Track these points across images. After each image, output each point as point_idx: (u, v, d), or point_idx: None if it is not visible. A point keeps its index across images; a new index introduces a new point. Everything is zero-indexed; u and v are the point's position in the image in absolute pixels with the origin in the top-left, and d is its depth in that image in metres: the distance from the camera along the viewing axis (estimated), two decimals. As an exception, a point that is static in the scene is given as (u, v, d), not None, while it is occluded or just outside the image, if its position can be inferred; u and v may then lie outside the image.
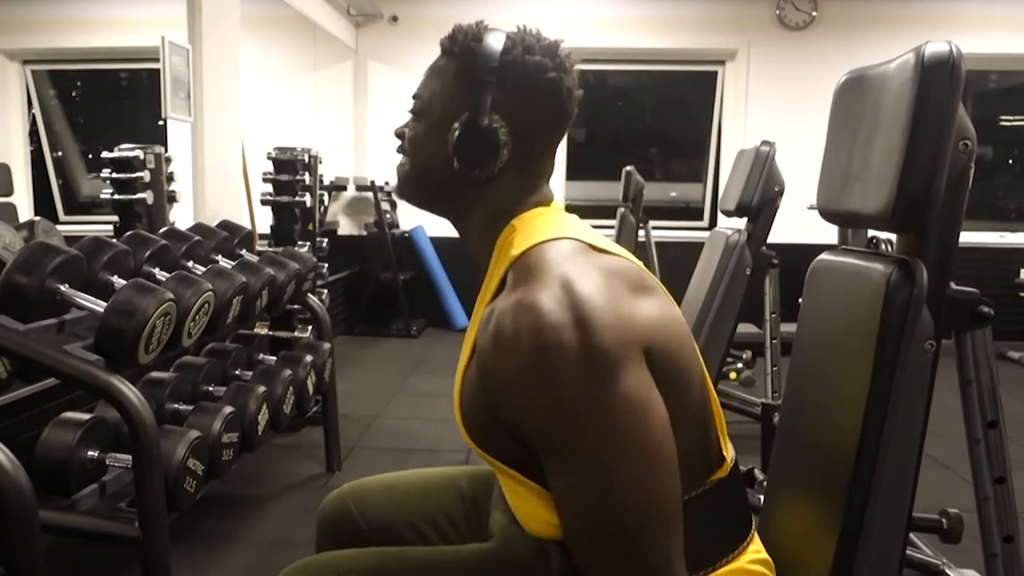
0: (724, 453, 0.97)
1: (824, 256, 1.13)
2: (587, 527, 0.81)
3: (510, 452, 0.88)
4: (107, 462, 1.82)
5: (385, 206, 5.86)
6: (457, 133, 0.94)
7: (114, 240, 2.02)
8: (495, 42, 0.95)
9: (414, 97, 1.03)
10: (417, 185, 1.03)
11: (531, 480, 0.88)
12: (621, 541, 0.79)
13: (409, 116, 1.04)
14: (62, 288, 1.73)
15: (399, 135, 1.04)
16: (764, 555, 1.00)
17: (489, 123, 0.93)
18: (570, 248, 0.89)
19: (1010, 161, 6.65)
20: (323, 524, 1.28)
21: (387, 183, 5.96)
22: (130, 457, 1.66)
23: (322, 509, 1.30)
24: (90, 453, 1.79)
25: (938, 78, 0.88)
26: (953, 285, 0.98)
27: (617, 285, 0.85)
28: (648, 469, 0.79)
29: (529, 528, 0.98)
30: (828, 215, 1.11)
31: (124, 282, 1.83)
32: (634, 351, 0.81)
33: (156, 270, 2.11)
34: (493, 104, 0.93)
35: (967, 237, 5.51)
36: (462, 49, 0.97)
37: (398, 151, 1.05)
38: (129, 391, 1.59)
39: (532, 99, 0.96)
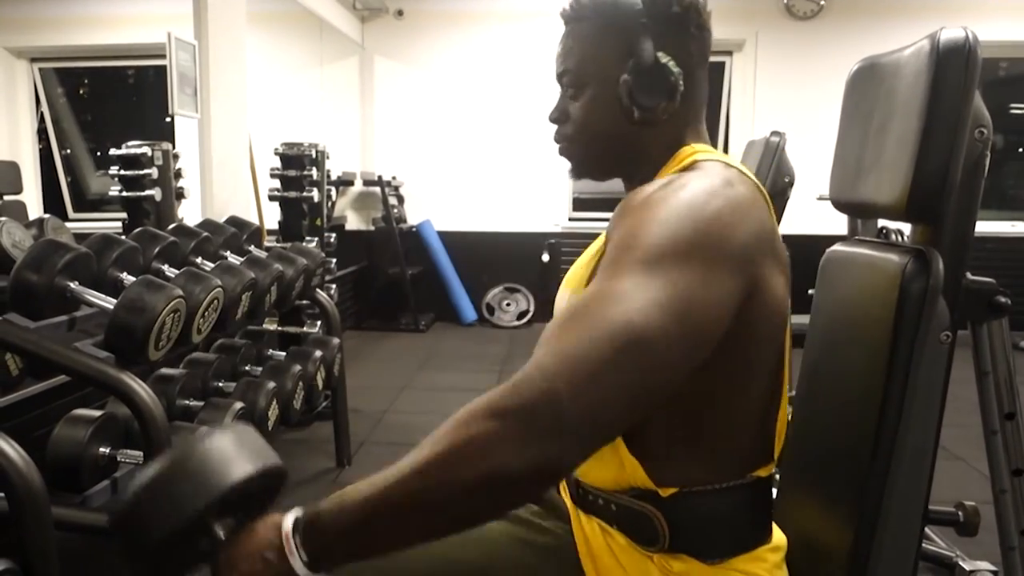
0: (774, 453, 0.96)
1: (837, 247, 1.12)
2: (572, 314, 0.75)
3: None
4: (118, 459, 1.82)
5: (392, 200, 5.86)
6: (630, 81, 0.94)
7: (123, 237, 2.02)
8: None
9: (562, 74, 1.02)
10: (602, 156, 1.03)
11: None
12: (588, 339, 0.71)
13: (562, 94, 1.03)
14: (72, 285, 1.73)
15: (557, 119, 1.04)
16: (781, 542, 0.99)
17: (656, 60, 0.94)
18: (753, 184, 0.91)
19: (1021, 150, 6.60)
20: None
21: (394, 177, 5.96)
22: (141, 453, 1.66)
23: None
24: (102, 450, 1.80)
25: (954, 64, 0.86)
26: (969, 275, 0.97)
27: (770, 227, 0.89)
28: (658, 324, 0.72)
29: (583, 471, 0.97)
30: (841, 205, 1.10)
31: (133, 279, 1.83)
32: (746, 269, 0.82)
33: (165, 267, 2.12)
34: (654, 43, 0.94)
35: (979, 226, 5.45)
36: (597, 7, 0.98)
37: (560, 135, 1.04)
38: (140, 388, 1.59)
39: (682, 27, 0.97)
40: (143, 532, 0.74)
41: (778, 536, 1.00)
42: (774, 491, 0.98)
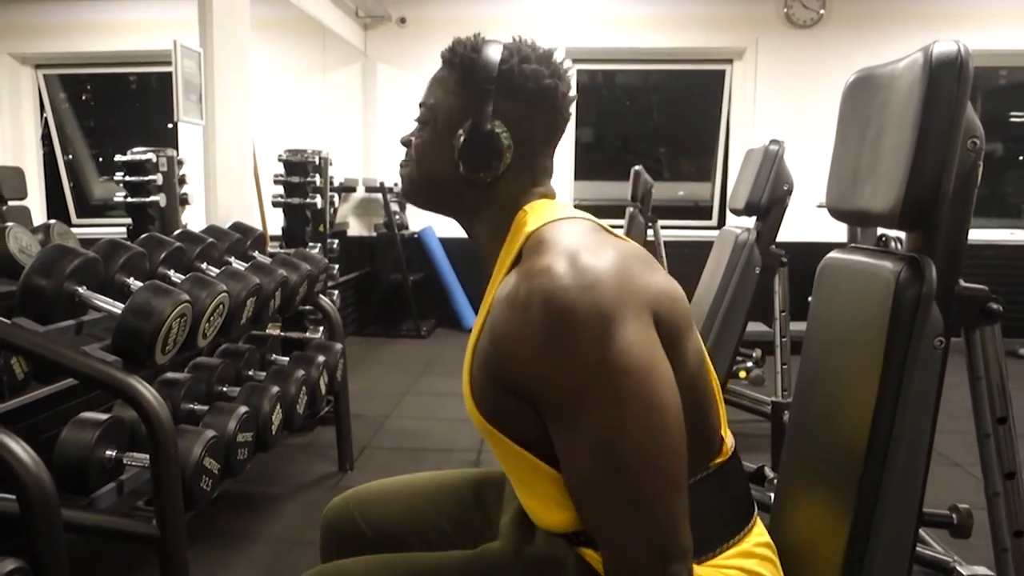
0: (725, 437, 1.00)
1: (833, 254, 1.14)
2: (595, 482, 0.84)
3: (519, 426, 0.91)
4: (125, 461, 1.84)
5: (395, 207, 5.89)
6: (462, 139, 0.99)
7: (130, 242, 2.04)
8: (493, 53, 1.01)
9: (420, 105, 1.07)
10: (426, 190, 1.08)
11: (541, 460, 0.91)
12: (628, 496, 0.82)
13: (415, 125, 1.08)
14: (80, 290, 1.75)
15: (405, 143, 1.09)
16: (767, 538, 1.02)
17: (491, 128, 0.98)
18: (583, 226, 0.94)
19: (1020, 158, 6.63)
20: (327, 530, 1.28)
21: (396, 184, 5.98)
22: (147, 456, 1.68)
23: (326, 515, 1.30)
24: (108, 452, 1.82)
25: (946, 77, 0.89)
26: (962, 282, 0.99)
27: (628, 258, 0.90)
28: (654, 424, 0.82)
29: (542, 522, 0.99)
30: (837, 214, 1.12)
31: (140, 284, 1.85)
32: (642, 312, 0.85)
33: (171, 272, 2.14)
34: (494, 111, 0.98)
35: (977, 234, 5.52)
36: (462, 60, 1.02)
37: (404, 159, 1.09)
38: (147, 391, 1.61)
39: (531, 104, 1.00)
40: None
41: (760, 528, 1.03)
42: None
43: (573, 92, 1.05)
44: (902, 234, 1.02)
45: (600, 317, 0.82)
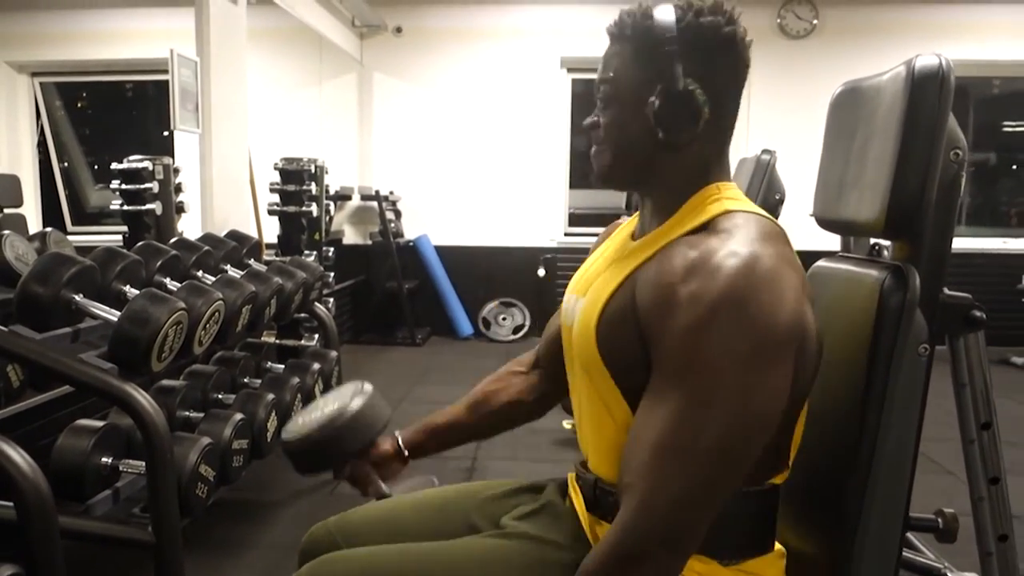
0: (789, 462, 0.99)
1: (821, 263, 1.16)
2: (655, 454, 0.85)
3: (627, 370, 0.93)
4: (121, 468, 1.85)
5: (390, 215, 5.91)
6: (657, 104, 0.97)
7: (126, 251, 2.05)
8: (667, 14, 0.98)
9: (599, 84, 1.05)
10: (624, 167, 1.04)
11: (629, 407, 0.93)
12: (675, 477, 0.84)
13: (599, 106, 1.06)
14: (77, 298, 1.76)
15: (591, 126, 1.06)
16: (783, 552, 1.03)
17: (685, 87, 0.96)
18: (780, 232, 0.95)
19: (1013, 167, 6.68)
20: (305, 558, 1.20)
21: (391, 192, 6.00)
22: (143, 463, 1.69)
23: (304, 543, 1.24)
24: (104, 459, 1.83)
25: (928, 90, 0.91)
26: (946, 290, 1.01)
27: (805, 281, 0.92)
28: (737, 442, 0.84)
29: (597, 467, 1.02)
30: (824, 223, 1.14)
31: (136, 292, 1.87)
32: (795, 346, 0.86)
33: (167, 280, 2.15)
34: (684, 70, 0.96)
35: (970, 243, 5.53)
36: (635, 30, 1.00)
37: (594, 145, 1.07)
38: (143, 398, 1.62)
39: (715, 56, 0.99)
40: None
41: (779, 548, 1.03)
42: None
43: (750, 38, 1.03)
44: (893, 243, 1.04)
45: (767, 332, 0.83)
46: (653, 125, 0.97)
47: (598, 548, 0.87)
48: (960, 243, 5.79)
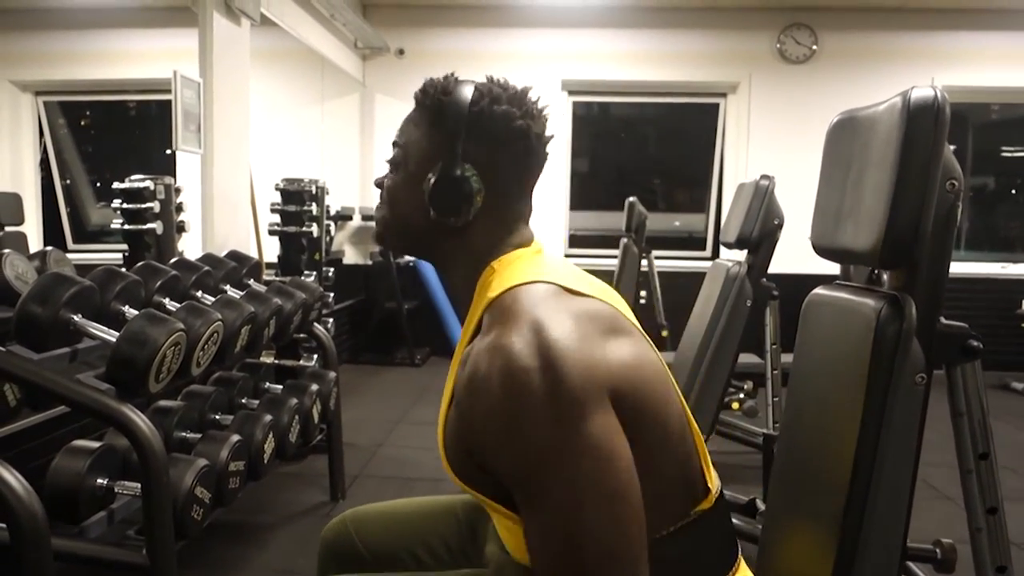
0: (709, 484, 0.97)
1: (818, 291, 1.16)
2: (553, 567, 0.82)
3: (490, 488, 0.91)
4: (116, 490, 1.84)
5: (390, 235, 5.91)
6: (432, 183, 0.98)
7: (125, 270, 2.06)
8: (464, 94, 0.99)
9: (393, 145, 1.06)
10: (397, 234, 1.07)
11: (514, 513, 0.90)
12: None
13: (387, 167, 1.07)
14: (75, 318, 1.76)
15: (378, 185, 1.08)
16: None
17: (461, 173, 0.97)
18: (544, 291, 0.91)
19: (1013, 192, 6.70)
20: (325, 550, 1.32)
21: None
22: (139, 485, 1.68)
23: (324, 535, 1.34)
24: (100, 481, 1.82)
25: (924, 122, 0.91)
26: (943, 319, 1.01)
27: (588, 328, 0.87)
28: (612, 513, 0.81)
29: (519, 558, 1.00)
30: (822, 251, 1.15)
31: (135, 312, 1.87)
32: (601, 396, 0.82)
33: (166, 300, 2.15)
34: (464, 154, 0.97)
35: (969, 268, 5.52)
36: (433, 102, 1.02)
37: (378, 202, 1.08)
38: (140, 420, 1.61)
39: (501, 147, 0.99)
40: None
41: (744, 571, 1.02)
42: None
43: (549, 132, 1.03)
44: (891, 271, 1.05)
45: (558, 401, 0.80)
46: (426, 202, 0.98)
47: None
48: (959, 268, 5.81)
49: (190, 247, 3.55)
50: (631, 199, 4.68)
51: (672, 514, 0.90)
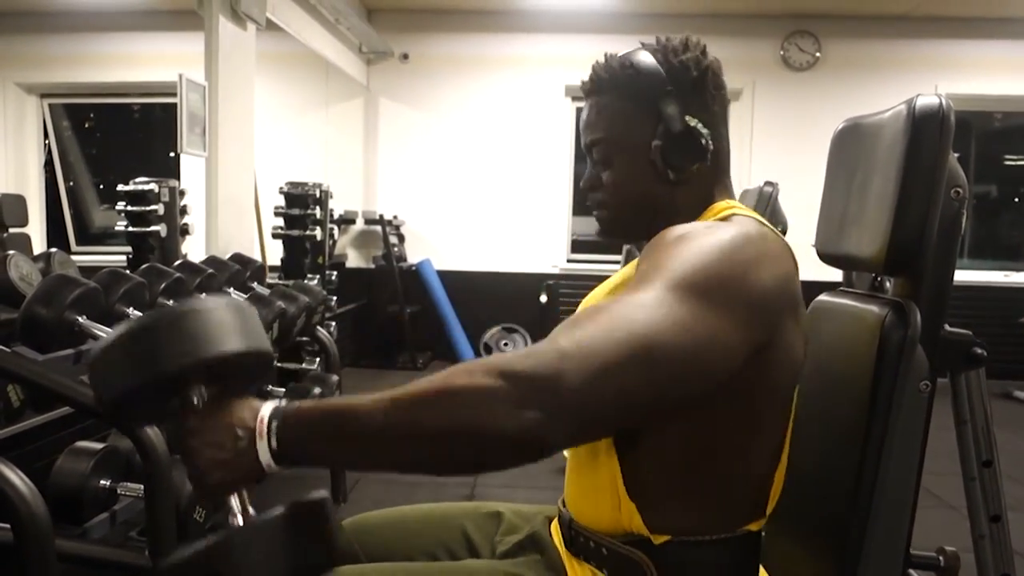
0: (768, 507, 0.98)
1: (823, 297, 1.17)
2: (591, 313, 0.80)
3: None
4: (119, 491, 1.84)
5: (393, 239, 5.93)
6: (662, 146, 0.99)
7: (130, 273, 2.06)
8: (649, 59, 1.01)
9: (590, 146, 1.06)
10: (636, 217, 1.05)
11: (617, 454, 0.92)
12: (600, 337, 0.76)
13: (592, 163, 1.07)
14: (80, 320, 1.77)
15: (590, 187, 1.08)
16: None
17: (687, 124, 0.98)
18: (782, 240, 0.95)
19: (1016, 200, 6.70)
20: None
21: (395, 217, 6.03)
22: (142, 486, 1.68)
23: None
24: (103, 482, 1.82)
25: (929, 130, 0.92)
26: (947, 327, 1.01)
27: (796, 287, 0.93)
28: (673, 343, 0.78)
29: (572, 506, 1.01)
30: (826, 257, 1.15)
31: (140, 314, 1.87)
32: (761, 317, 0.85)
33: (170, 302, 2.16)
34: (679, 108, 0.99)
35: (972, 276, 5.51)
36: (619, 79, 1.02)
37: (595, 201, 1.07)
38: (143, 421, 1.62)
39: (703, 88, 1.01)
40: (124, 373, 0.78)
41: None
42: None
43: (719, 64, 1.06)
44: (894, 277, 1.05)
45: (748, 266, 0.84)
46: (662, 167, 0.99)
47: (509, 356, 0.76)
48: (962, 276, 5.79)
49: (194, 250, 3.57)
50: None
51: (726, 521, 0.90)
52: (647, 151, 0.99)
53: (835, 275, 3.25)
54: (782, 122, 5.96)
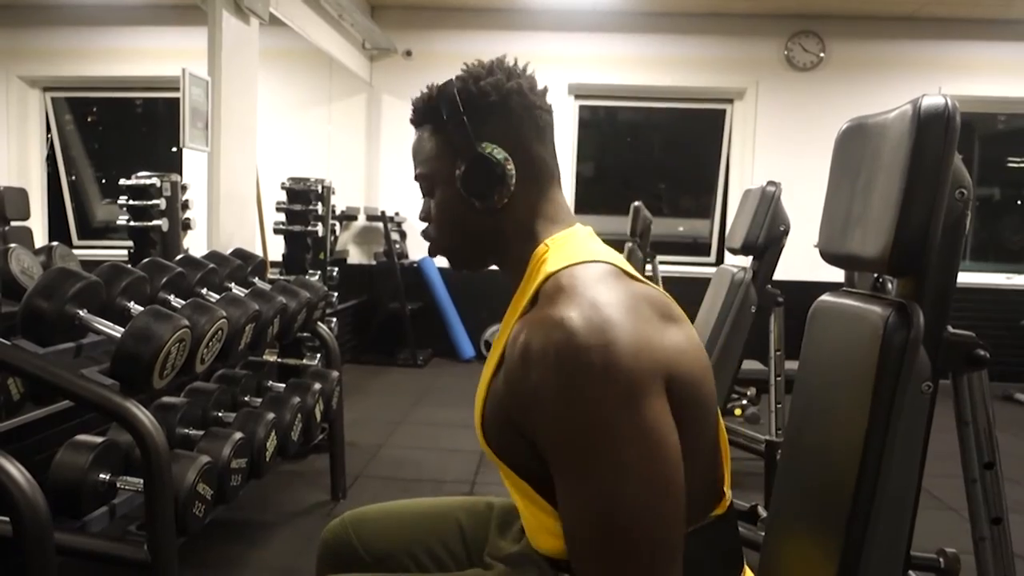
0: (725, 488, 0.99)
1: (825, 297, 1.16)
2: (591, 549, 0.82)
3: (525, 463, 0.91)
4: (118, 485, 1.84)
5: (395, 236, 5.92)
6: (463, 175, 0.99)
7: (131, 267, 2.06)
8: (447, 88, 1.01)
9: (416, 179, 1.08)
10: (462, 247, 1.07)
11: (541, 496, 0.92)
12: (622, 566, 0.81)
13: (422, 199, 1.09)
14: (81, 313, 1.77)
15: (423, 218, 1.10)
16: None
17: (481, 151, 0.98)
18: (603, 271, 0.92)
19: (1019, 202, 6.68)
20: (324, 551, 1.31)
21: (397, 213, 6.03)
22: (141, 481, 1.68)
23: (323, 536, 1.32)
24: (102, 476, 1.82)
25: (933, 130, 0.91)
26: (950, 328, 1.01)
27: (645, 311, 0.88)
28: (656, 500, 0.81)
29: (537, 544, 1.01)
30: (829, 257, 1.15)
31: (140, 308, 1.87)
32: (656, 380, 0.83)
33: (171, 297, 2.16)
34: (476, 136, 0.98)
35: (974, 278, 5.51)
36: (426, 110, 1.03)
37: (425, 234, 1.09)
38: (143, 416, 1.62)
39: (504, 113, 1.00)
40: None
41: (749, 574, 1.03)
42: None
43: (540, 85, 1.04)
44: (895, 278, 1.04)
45: (615, 381, 0.80)
46: (467, 197, 0.99)
47: None
48: (964, 278, 5.78)
49: (195, 245, 3.56)
50: (636, 204, 4.68)
51: (691, 516, 0.90)
52: (455, 182, 1.00)
53: (836, 275, 3.25)
54: (785, 122, 5.95)
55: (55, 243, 2.59)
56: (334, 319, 3.84)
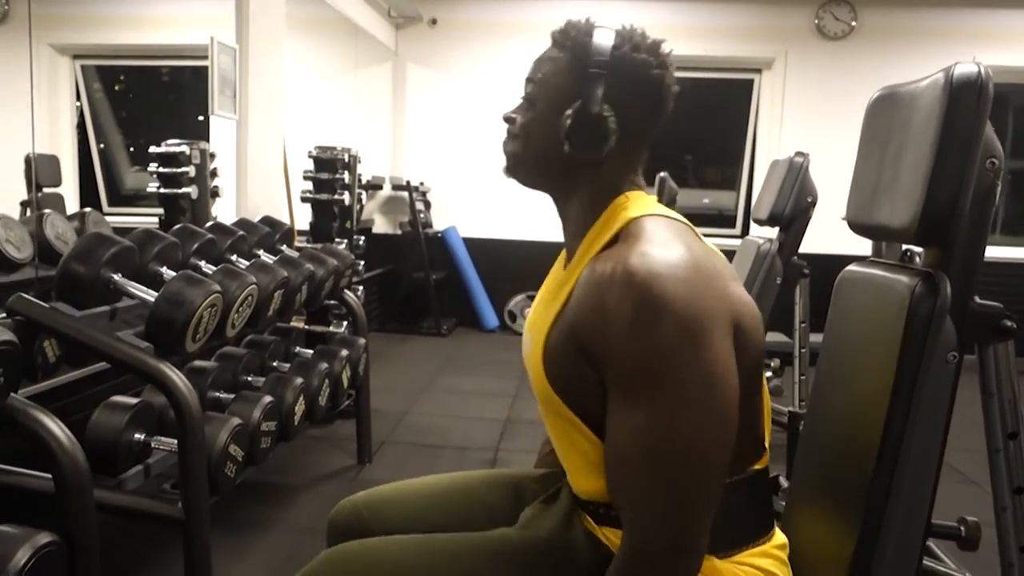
0: (766, 444, 1.04)
1: (851, 267, 1.16)
2: (635, 465, 0.88)
3: (582, 397, 0.96)
4: (153, 445, 1.89)
5: (419, 206, 5.94)
6: (570, 120, 1.01)
7: (164, 233, 2.09)
8: (606, 38, 1.02)
9: (527, 81, 1.09)
10: (528, 167, 1.10)
11: (592, 432, 0.96)
12: (662, 487, 0.86)
13: (520, 101, 1.10)
14: (115, 277, 1.81)
15: (509, 119, 1.11)
16: (784, 541, 1.06)
17: (600, 112, 1.00)
18: (682, 227, 0.99)
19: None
20: (334, 532, 1.25)
21: (422, 183, 6.04)
22: (175, 441, 1.73)
23: (333, 517, 1.27)
24: (137, 436, 1.87)
25: (966, 99, 0.91)
26: (977, 299, 1.01)
27: (720, 264, 0.97)
28: (711, 430, 0.87)
29: (577, 486, 1.04)
30: (857, 227, 1.15)
31: (173, 273, 1.91)
32: (726, 323, 0.90)
33: (203, 263, 2.19)
34: (603, 95, 1.00)
35: (1001, 252, 5.42)
36: (575, 42, 1.04)
37: (507, 136, 1.11)
38: (177, 378, 1.66)
39: (637, 92, 1.02)
40: None
41: (779, 534, 1.06)
42: (784, 483, 1.03)
43: (676, 86, 1.06)
44: (924, 249, 1.04)
45: (691, 314, 0.86)
46: (562, 137, 1.01)
47: (613, 568, 0.90)
48: (993, 252, 5.70)
49: (224, 212, 3.60)
50: (662, 174, 4.64)
51: (734, 466, 0.94)
52: (559, 116, 1.02)
53: (863, 249, 3.22)
54: (814, 92, 5.87)
55: (88, 209, 2.63)
56: (360, 287, 3.88)
